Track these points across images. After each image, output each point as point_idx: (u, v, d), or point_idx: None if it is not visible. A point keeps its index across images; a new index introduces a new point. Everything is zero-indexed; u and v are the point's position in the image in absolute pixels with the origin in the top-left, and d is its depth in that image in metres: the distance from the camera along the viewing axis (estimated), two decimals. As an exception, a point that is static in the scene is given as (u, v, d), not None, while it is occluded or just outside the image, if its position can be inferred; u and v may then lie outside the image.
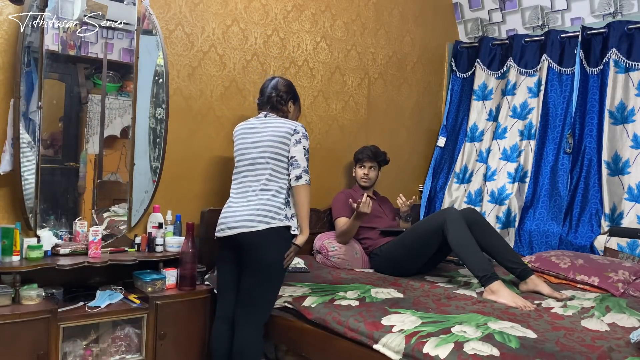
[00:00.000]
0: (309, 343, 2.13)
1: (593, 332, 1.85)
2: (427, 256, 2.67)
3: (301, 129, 2.25)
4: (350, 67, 3.35)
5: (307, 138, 2.27)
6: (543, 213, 3.25)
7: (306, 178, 2.19)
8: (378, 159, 3.14)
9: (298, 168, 2.19)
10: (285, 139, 2.22)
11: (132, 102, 2.45)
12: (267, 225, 2.11)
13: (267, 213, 2.13)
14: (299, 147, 2.21)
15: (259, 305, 2.15)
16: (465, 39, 3.93)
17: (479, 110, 3.69)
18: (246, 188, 2.22)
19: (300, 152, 2.20)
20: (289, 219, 2.17)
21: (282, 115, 2.36)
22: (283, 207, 2.17)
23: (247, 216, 2.13)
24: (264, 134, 2.25)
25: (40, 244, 2.16)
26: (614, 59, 3.05)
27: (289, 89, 2.40)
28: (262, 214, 2.13)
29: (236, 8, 2.83)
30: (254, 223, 2.12)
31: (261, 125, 2.30)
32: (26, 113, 2.19)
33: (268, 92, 2.37)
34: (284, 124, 2.26)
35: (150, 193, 2.49)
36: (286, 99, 2.38)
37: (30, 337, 1.95)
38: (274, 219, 2.13)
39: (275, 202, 2.16)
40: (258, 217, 2.12)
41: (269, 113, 2.35)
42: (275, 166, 2.22)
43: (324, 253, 2.87)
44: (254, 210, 2.14)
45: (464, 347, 1.66)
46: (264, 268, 2.12)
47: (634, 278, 2.51)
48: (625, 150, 3.00)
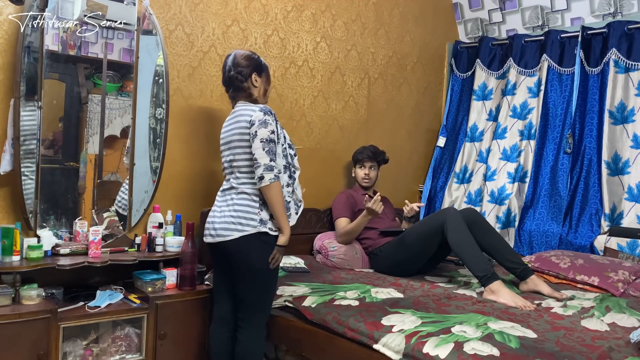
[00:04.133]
0: (309, 343, 2.13)
1: (593, 332, 1.85)
2: (427, 256, 2.67)
3: (258, 116, 2.04)
4: (350, 67, 3.35)
5: (266, 123, 2.03)
6: (543, 213, 3.25)
7: (269, 177, 2.00)
8: (378, 158, 3.14)
9: (258, 167, 2.01)
10: (245, 134, 2.06)
11: (132, 102, 2.45)
12: (240, 233, 2.02)
13: (240, 220, 2.03)
14: (256, 143, 2.02)
15: (256, 309, 2.11)
16: (465, 39, 3.93)
17: (479, 110, 3.69)
18: (225, 190, 2.14)
19: (259, 148, 2.01)
20: (265, 224, 2.04)
21: (248, 95, 2.17)
22: (257, 211, 2.04)
23: (223, 223, 2.06)
24: (231, 130, 2.12)
25: (40, 244, 2.16)
26: (614, 59, 3.05)
27: (249, 60, 2.17)
28: (235, 220, 2.04)
29: (236, 8, 2.83)
30: (228, 232, 2.04)
31: (231, 119, 2.16)
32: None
33: (227, 71, 2.18)
34: (242, 116, 2.08)
35: (150, 193, 2.49)
36: (248, 73, 2.16)
37: (30, 337, 1.95)
38: (247, 226, 2.02)
39: (248, 206, 2.05)
40: (232, 225, 2.04)
41: (238, 101, 2.18)
42: (243, 166, 2.08)
43: (324, 253, 2.87)
44: (228, 216, 2.06)
45: (464, 347, 1.66)
46: (251, 273, 2.06)
47: (634, 278, 2.51)
48: (625, 150, 3.00)
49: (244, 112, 2.09)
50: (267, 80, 2.24)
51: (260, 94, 2.21)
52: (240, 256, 2.04)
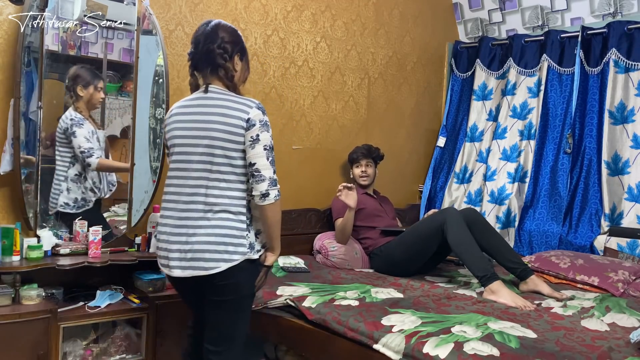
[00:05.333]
0: (309, 343, 2.13)
1: (593, 332, 1.85)
2: (427, 256, 2.67)
3: (258, 115, 1.64)
4: (350, 67, 3.34)
5: (268, 126, 1.66)
6: (543, 213, 3.25)
7: (274, 193, 1.64)
8: (372, 155, 3.15)
9: (262, 182, 1.62)
10: (237, 136, 1.62)
11: (132, 102, 2.45)
12: (228, 263, 1.61)
13: (227, 247, 1.62)
14: (258, 149, 1.62)
15: (236, 340, 1.74)
16: (465, 39, 3.93)
17: (478, 110, 3.69)
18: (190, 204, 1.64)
19: (262, 157, 1.63)
20: (253, 247, 1.68)
21: (228, 79, 1.71)
22: (245, 234, 1.65)
23: (199, 252, 1.61)
24: (207, 124, 1.64)
25: (40, 244, 2.16)
26: (613, 59, 3.05)
27: (235, 37, 1.73)
28: (219, 248, 1.61)
29: (236, 8, 2.83)
30: (210, 263, 1.60)
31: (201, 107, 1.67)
32: (26, 113, 2.20)
33: (203, 42, 1.69)
34: (232, 110, 1.64)
35: (150, 193, 2.49)
36: (232, 51, 1.71)
37: (30, 337, 1.95)
38: (235, 253, 1.62)
39: (234, 228, 1.63)
40: (217, 254, 1.61)
41: (210, 85, 1.70)
42: (230, 173, 1.65)
43: (324, 253, 2.87)
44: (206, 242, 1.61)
45: (464, 347, 1.66)
46: (238, 303, 1.71)
47: (634, 278, 2.51)
48: (625, 150, 3.00)
49: (232, 104, 1.65)
50: (247, 67, 1.81)
51: (239, 80, 1.77)
52: (226, 287, 1.65)
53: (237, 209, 1.65)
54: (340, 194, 2.74)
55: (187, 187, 1.65)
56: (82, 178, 2.39)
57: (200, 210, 1.63)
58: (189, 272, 1.63)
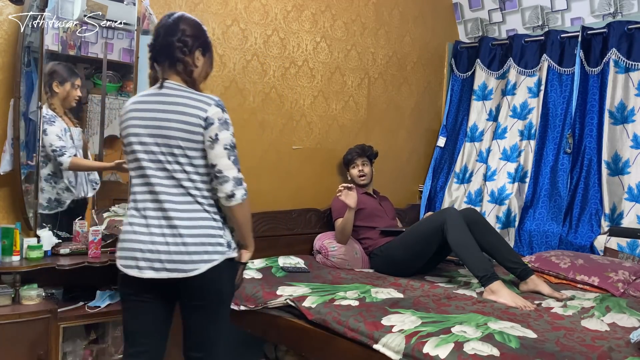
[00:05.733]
0: (309, 343, 2.13)
1: (593, 332, 1.85)
2: (427, 256, 2.67)
3: (216, 113, 1.56)
4: (350, 67, 3.34)
5: (228, 124, 1.59)
6: (543, 213, 3.25)
7: (241, 193, 1.59)
8: (367, 153, 3.16)
9: (226, 182, 1.57)
10: (195, 135, 1.56)
11: (132, 102, 2.45)
12: (208, 264, 1.56)
13: (206, 247, 1.57)
14: (218, 150, 1.56)
15: (219, 343, 1.69)
16: (465, 39, 3.93)
17: (479, 110, 3.69)
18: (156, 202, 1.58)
19: (223, 157, 1.56)
20: (230, 246, 1.64)
21: (187, 74, 1.62)
22: (222, 232, 1.62)
23: (176, 254, 1.54)
24: (163, 122, 1.57)
25: (40, 244, 2.16)
26: (614, 59, 3.05)
27: (199, 31, 1.66)
28: (198, 249, 1.56)
29: (236, 8, 2.83)
30: (188, 265, 1.54)
31: (157, 104, 1.59)
32: (26, 113, 2.20)
33: (163, 34, 1.61)
34: (190, 107, 1.56)
35: (150, 193, 2.48)
36: (192, 45, 1.62)
37: (30, 337, 1.95)
38: (215, 253, 1.58)
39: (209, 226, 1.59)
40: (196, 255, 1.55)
41: (167, 80, 1.61)
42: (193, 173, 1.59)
43: (324, 253, 2.87)
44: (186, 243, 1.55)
45: (464, 347, 1.66)
46: (217, 303, 1.65)
47: (634, 278, 2.51)
48: (625, 150, 3.00)
49: (190, 101, 1.57)
50: (210, 63, 1.72)
51: (199, 77, 1.68)
52: (207, 289, 1.60)
53: (209, 208, 1.60)
54: (340, 194, 2.74)
55: (152, 186, 1.58)
56: (57, 178, 2.31)
57: (169, 210, 1.56)
58: (164, 274, 1.55)
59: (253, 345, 2.87)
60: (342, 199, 2.74)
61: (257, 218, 2.85)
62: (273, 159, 3.00)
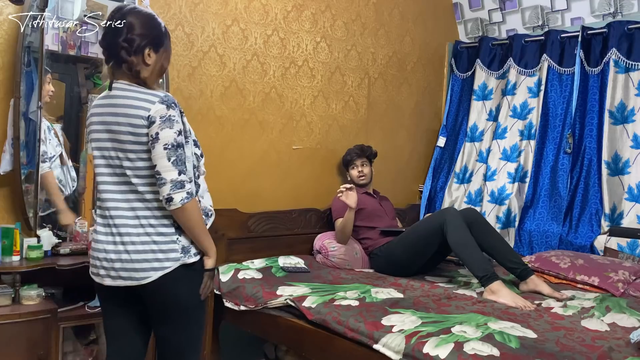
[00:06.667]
0: (309, 343, 2.13)
1: (593, 332, 1.85)
2: (427, 256, 2.67)
3: (159, 111, 1.47)
4: (350, 67, 3.34)
5: (171, 121, 1.49)
6: (543, 213, 3.25)
7: (179, 197, 1.48)
8: (366, 154, 3.16)
9: (164, 185, 1.47)
10: (140, 136, 1.49)
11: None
12: (160, 271, 1.51)
13: (156, 254, 1.52)
14: (158, 149, 1.47)
15: (189, 352, 1.65)
16: (465, 39, 3.93)
17: (479, 110, 3.69)
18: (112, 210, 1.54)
19: (162, 157, 1.47)
20: (187, 251, 1.56)
21: (133, 75, 1.53)
22: (175, 237, 1.54)
23: (128, 262, 1.51)
24: (113, 124, 1.51)
25: (40, 244, 2.16)
26: (614, 59, 3.05)
27: (148, 28, 1.54)
28: (148, 256, 1.51)
29: (236, 8, 2.83)
30: (140, 273, 1.51)
31: (107, 107, 1.53)
32: (26, 113, 2.19)
33: (111, 33, 1.51)
34: (134, 108, 1.49)
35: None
36: (140, 45, 1.52)
37: (30, 337, 1.95)
38: (166, 260, 1.52)
39: (159, 232, 1.53)
40: (145, 263, 1.51)
41: (116, 81, 1.54)
42: (143, 177, 1.53)
43: (324, 253, 2.87)
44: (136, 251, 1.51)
45: (464, 347, 1.66)
46: (180, 313, 1.59)
47: (634, 278, 2.51)
48: (625, 150, 3.00)
49: (135, 101, 1.49)
50: (166, 57, 1.61)
51: (152, 74, 1.58)
52: (163, 297, 1.56)
53: (159, 213, 1.53)
54: (341, 195, 2.74)
55: (108, 192, 1.55)
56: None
57: (122, 217, 1.53)
58: (119, 282, 1.54)
59: (253, 345, 2.88)
60: (342, 199, 2.74)
61: (257, 218, 2.85)
62: (273, 159, 3.00)
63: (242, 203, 2.77)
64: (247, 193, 2.86)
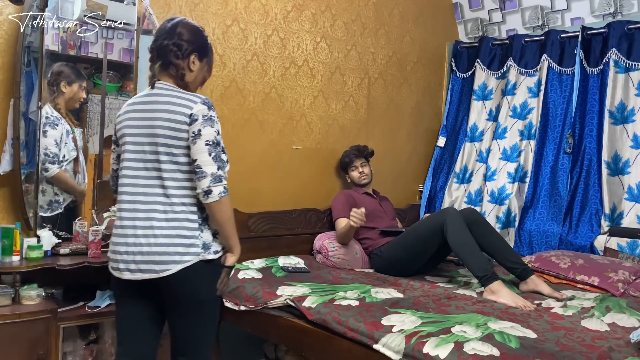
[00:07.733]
0: (309, 343, 2.13)
1: (593, 332, 1.85)
2: (427, 256, 2.67)
3: (201, 110, 1.60)
4: (350, 67, 3.34)
5: (212, 121, 1.61)
6: (543, 213, 3.25)
7: (218, 190, 1.58)
8: (363, 154, 3.16)
9: (204, 178, 1.57)
10: (180, 132, 1.59)
11: (132, 102, 2.45)
12: (180, 265, 1.58)
13: (177, 248, 1.58)
14: (199, 145, 1.58)
15: (203, 346, 1.71)
16: (465, 39, 3.93)
17: (479, 110, 3.69)
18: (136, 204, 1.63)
19: (203, 152, 1.58)
20: (208, 248, 1.64)
21: (178, 77, 1.68)
22: (198, 233, 1.62)
23: (149, 255, 1.58)
24: (153, 120, 1.61)
25: (40, 244, 2.16)
26: (614, 59, 3.05)
27: (196, 36, 1.69)
28: (170, 249, 1.58)
29: (236, 8, 2.83)
30: (161, 265, 1.57)
31: (147, 104, 1.65)
32: (26, 113, 2.20)
33: (161, 37, 1.66)
34: (176, 105, 1.60)
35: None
36: (186, 50, 1.66)
37: (30, 337, 1.95)
38: (187, 254, 1.59)
39: (183, 227, 1.60)
40: (167, 256, 1.58)
41: (160, 80, 1.67)
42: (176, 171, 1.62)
43: (324, 253, 2.87)
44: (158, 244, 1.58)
45: (464, 347, 1.66)
46: (199, 308, 1.66)
47: (634, 278, 2.51)
48: (625, 150, 3.00)
49: (177, 100, 1.61)
50: (208, 69, 1.77)
51: (195, 80, 1.73)
52: (182, 291, 1.62)
53: (186, 208, 1.62)
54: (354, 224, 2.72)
55: (136, 186, 1.64)
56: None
57: (147, 210, 1.61)
58: (138, 275, 1.60)
59: (253, 345, 2.88)
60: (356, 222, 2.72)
61: (257, 218, 2.85)
62: (273, 159, 3.00)
63: (242, 203, 2.77)
64: (247, 193, 2.86)
